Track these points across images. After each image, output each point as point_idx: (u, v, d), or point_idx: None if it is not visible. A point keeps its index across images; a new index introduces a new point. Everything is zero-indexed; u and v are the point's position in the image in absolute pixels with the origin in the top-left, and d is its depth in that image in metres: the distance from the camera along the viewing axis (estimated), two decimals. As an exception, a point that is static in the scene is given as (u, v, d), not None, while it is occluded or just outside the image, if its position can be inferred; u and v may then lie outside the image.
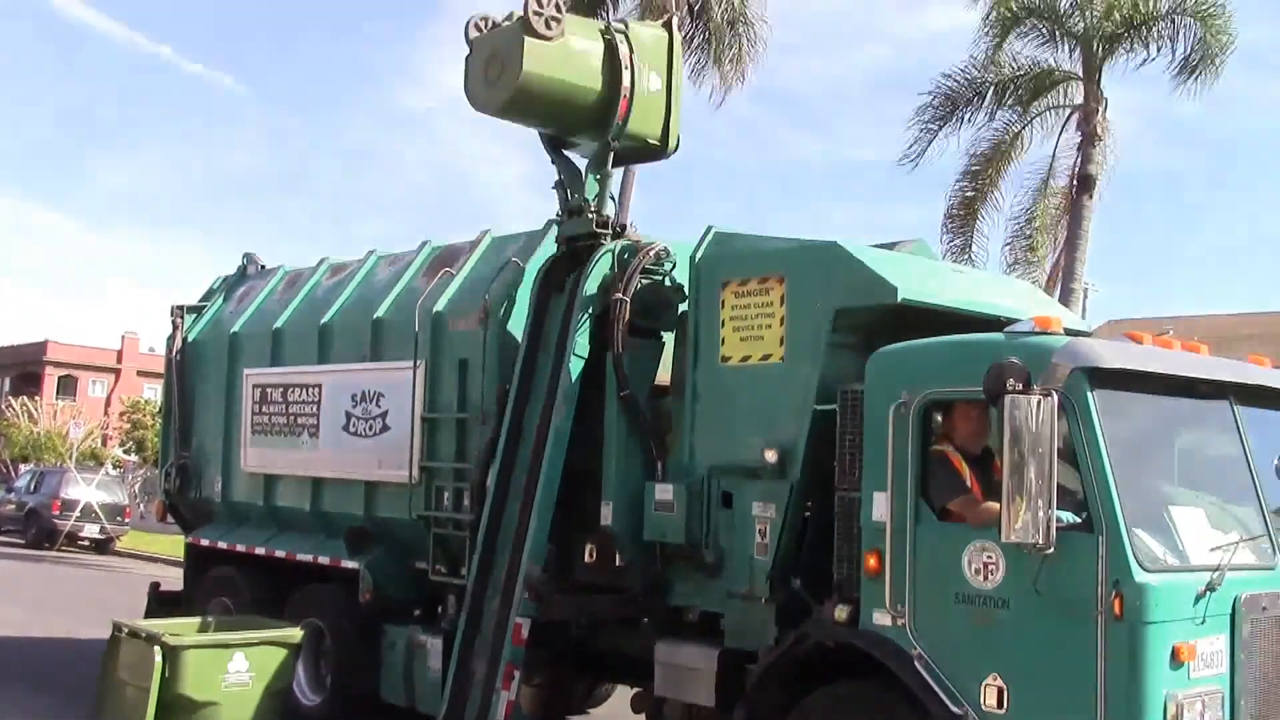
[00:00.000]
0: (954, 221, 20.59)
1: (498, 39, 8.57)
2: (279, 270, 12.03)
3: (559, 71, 8.37)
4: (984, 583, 5.92)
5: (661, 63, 8.81)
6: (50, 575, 23.21)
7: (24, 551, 28.26)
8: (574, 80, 8.46)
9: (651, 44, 8.81)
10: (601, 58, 8.54)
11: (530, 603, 8.00)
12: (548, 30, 8.16)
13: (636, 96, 8.54)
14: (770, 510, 7.12)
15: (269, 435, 10.79)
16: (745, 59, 23.15)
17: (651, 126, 8.80)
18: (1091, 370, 5.86)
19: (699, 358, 7.70)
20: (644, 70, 8.59)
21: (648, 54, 8.73)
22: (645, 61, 8.66)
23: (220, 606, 10.81)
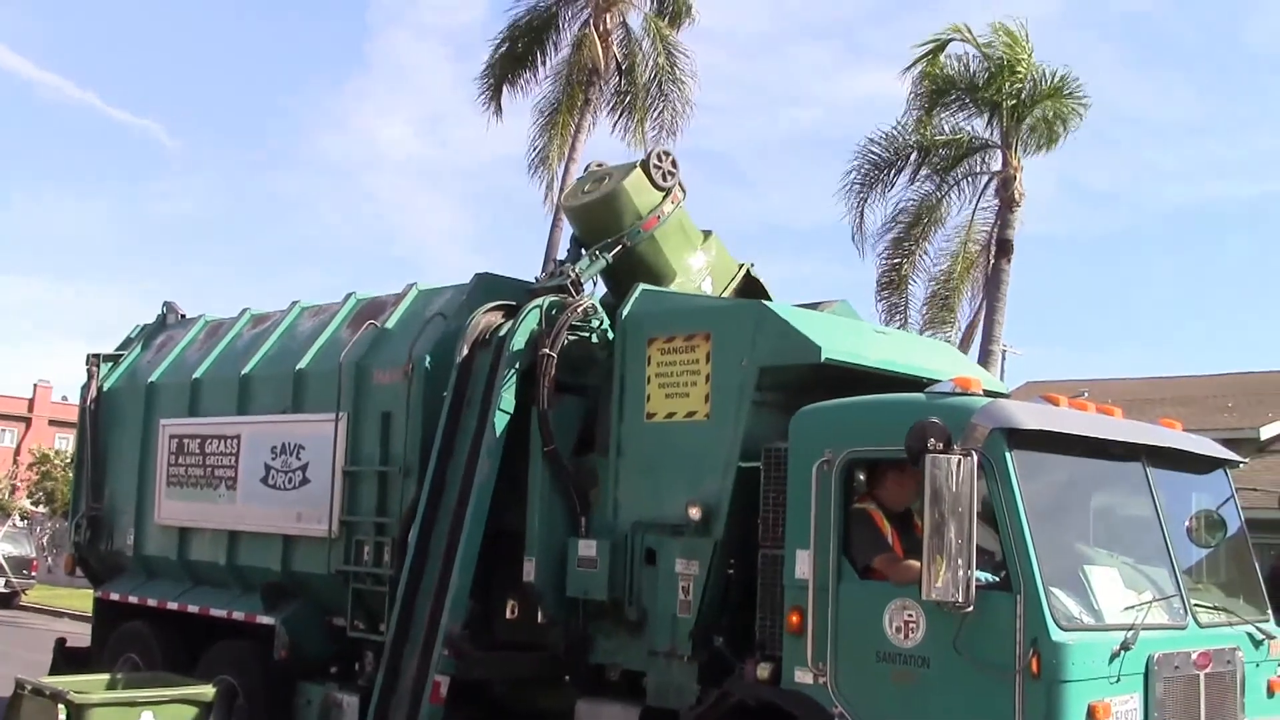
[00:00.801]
0: (885, 289, 21.01)
1: (614, 170, 9.33)
2: (200, 320, 11.85)
3: (642, 209, 8.93)
4: (905, 641, 5.96)
5: (721, 281, 9.40)
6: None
7: (-77, 606, 27.31)
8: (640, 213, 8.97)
9: (722, 264, 9.47)
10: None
11: (450, 660, 7.89)
12: (659, 180, 8.93)
13: (685, 280, 9.07)
14: (694, 567, 7.12)
15: (185, 487, 10.57)
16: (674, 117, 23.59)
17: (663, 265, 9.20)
18: (1010, 431, 5.97)
19: (625, 413, 7.72)
20: (704, 272, 9.27)
21: (715, 264, 9.40)
22: (710, 269, 9.35)
23: (129, 663, 10.52)
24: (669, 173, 9.01)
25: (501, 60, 24.11)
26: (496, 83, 24.28)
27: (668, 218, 8.99)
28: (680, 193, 9.13)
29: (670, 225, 9.05)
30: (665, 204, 8.98)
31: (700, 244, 9.38)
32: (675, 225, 9.12)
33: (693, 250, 9.29)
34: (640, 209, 8.90)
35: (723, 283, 9.38)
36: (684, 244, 9.23)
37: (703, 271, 9.24)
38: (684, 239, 9.25)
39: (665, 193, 8.98)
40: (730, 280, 9.43)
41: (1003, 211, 20.06)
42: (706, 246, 9.40)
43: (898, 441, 5.86)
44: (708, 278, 9.27)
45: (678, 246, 9.15)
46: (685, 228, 9.29)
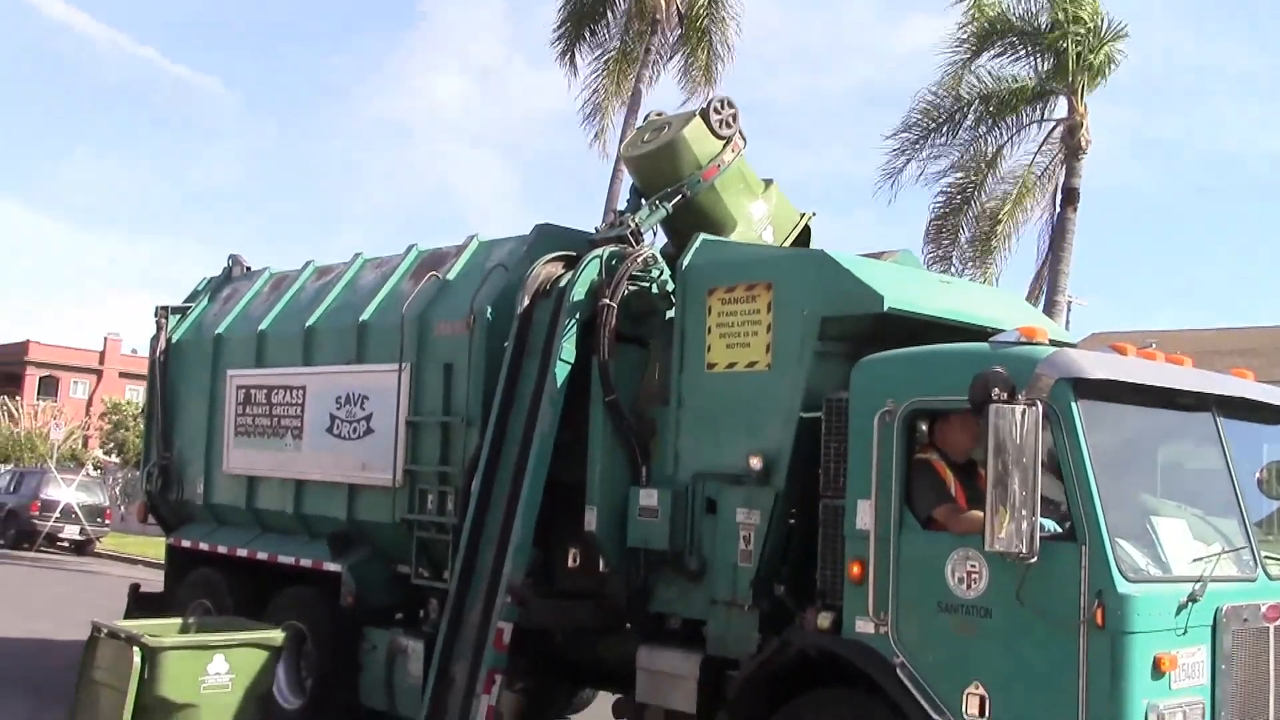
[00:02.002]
0: (935, 233, 20.62)
1: (674, 119, 9.29)
2: (264, 272, 11.99)
3: (701, 159, 8.86)
4: (967, 592, 5.93)
5: (783, 231, 9.35)
6: (29, 577, 23.06)
7: (3, 552, 28.09)
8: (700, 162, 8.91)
9: (782, 214, 9.40)
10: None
11: (512, 607, 7.98)
12: (718, 128, 8.86)
13: (746, 230, 8.99)
14: (754, 517, 7.12)
15: (252, 437, 10.75)
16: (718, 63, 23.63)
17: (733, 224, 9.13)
18: (1076, 381, 5.88)
19: (685, 364, 7.71)
20: (764, 222, 9.20)
21: (775, 214, 9.33)
22: (772, 217, 9.28)
23: (201, 608, 10.76)
24: (728, 121, 8.93)
25: (572, 14, 24.02)
26: (570, 37, 24.21)
27: (728, 166, 8.90)
28: (741, 141, 9.03)
29: (730, 174, 8.96)
30: (725, 153, 8.89)
31: (761, 193, 9.29)
32: (735, 174, 9.03)
33: (753, 199, 9.20)
34: (700, 158, 8.82)
35: (784, 232, 9.30)
36: (744, 193, 9.14)
37: (764, 221, 9.16)
38: (744, 188, 9.16)
39: (725, 141, 8.89)
40: (792, 229, 9.35)
41: (1068, 160, 19.68)
42: (767, 195, 9.32)
43: (961, 391, 5.81)
44: (768, 227, 9.19)
45: (738, 195, 9.07)
46: (746, 176, 9.19)
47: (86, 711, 7.46)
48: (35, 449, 46.20)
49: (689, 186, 8.82)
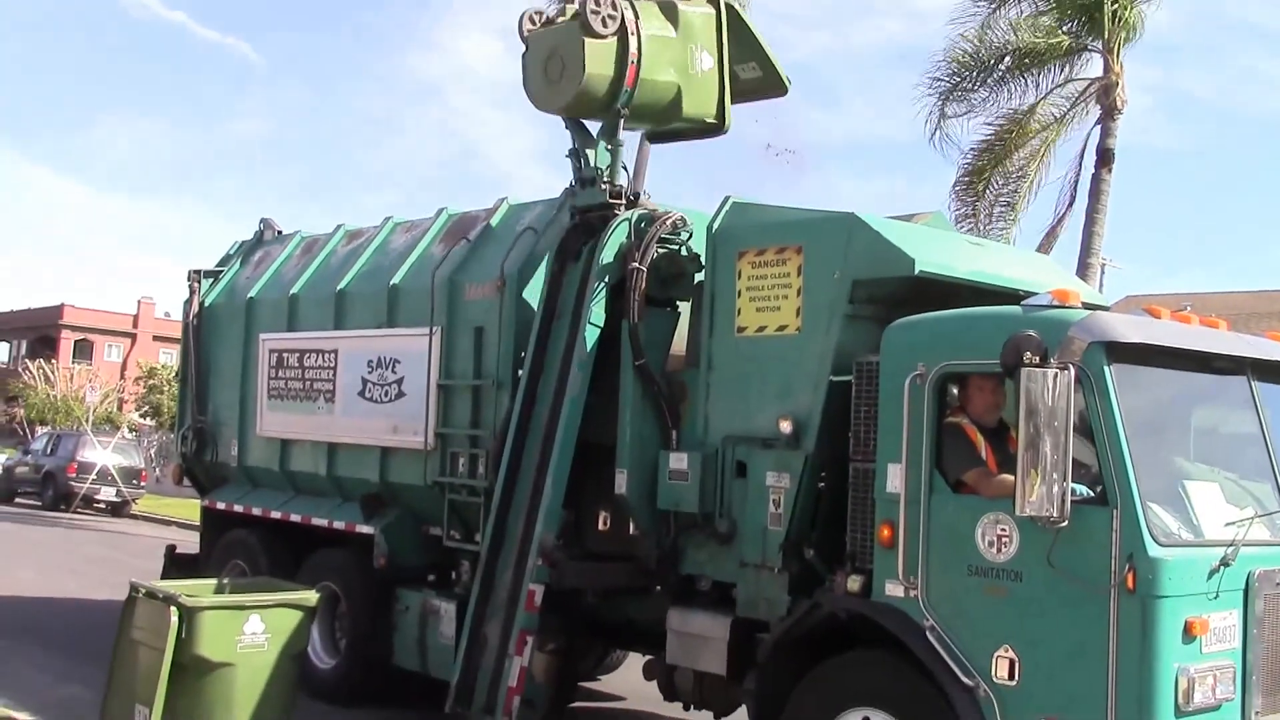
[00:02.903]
0: (962, 189, 20.38)
1: (556, 38, 8.59)
2: (295, 236, 12.04)
3: (614, 68, 8.40)
4: (997, 555, 5.93)
5: (711, 42, 8.84)
6: (66, 537, 23.39)
7: (41, 513, 28.48)
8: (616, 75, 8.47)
9: (700, 23, 8.80)
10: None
11: (544, 569, 8.04)
12: (604, 28, 8.21)
13: (690, 77, 8.64)
14: (784, 480, 7.13)
15: (285, 400, 10.83)
16: None
17: (707, 107, 8.83)
18: (1109, 344, 5.84)
19: (715, 328, 7.70)
20: (696, 51, 8.65)
21: (697, 34, 8.75)
22: (696, 41, 8.71)
23: (236, 569, 10.90)
24: (609, 16, 8.25)
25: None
26: None
27: (640, 55, 8.37)
28: (632, 13, 8.39)
29: (647, 56, 8.42)
30: (630, 43, 8.31)
31: (678, 31, 8.67)
32: (650, 50, 8.45)
33: (677, 48, 8.62)
34: (613, 71, 8.37)
35: (713, 39, 8.79)
36: (666, 52, 8.56)
37: (696, 54, 8.66)
38: (663, 48, 8.55)
39: (621, 34, 8.28)
40: (719, 33, 8.84)
41: (1103, 119, 19.42)
42: (684, 27, 8.70)
43: (992, 355, 5.78)
44: (701, 52, 8.70)
45: (663, 62, 8.55)
46: (658, 39, 8.54)
47: (125, 669, 7.57)
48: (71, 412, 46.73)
49: (622, 103, 8.50)
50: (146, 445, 36.77)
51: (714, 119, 9.00)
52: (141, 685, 7.32)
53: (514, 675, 7.98)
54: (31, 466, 31.77)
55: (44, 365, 54.46)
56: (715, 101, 8.92)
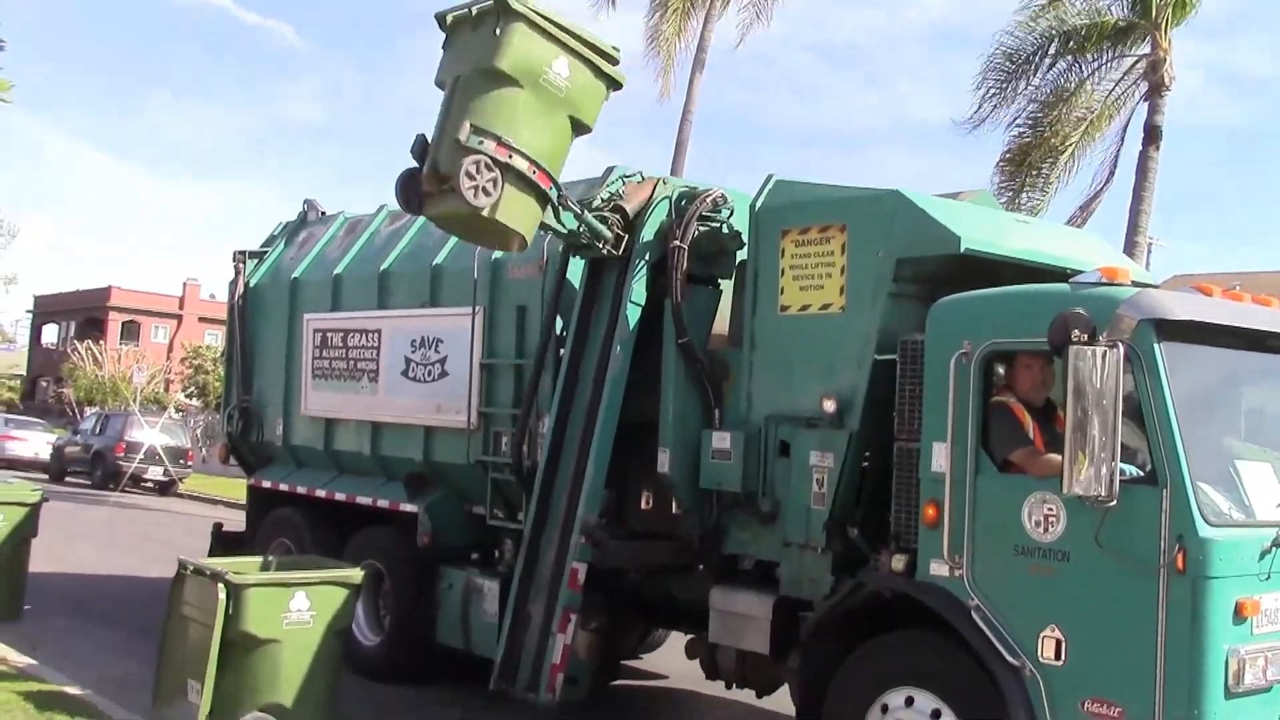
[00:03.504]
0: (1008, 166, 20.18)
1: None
2: (339, 216, 12.10)
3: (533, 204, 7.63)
4: (1044, 535, 5.87)
5: (554, 49, 7.53)
6: (116, 515, 23.71)
7: (90, 492, 28.88)
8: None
9: (539, 50, 7.44)
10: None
11: (586, 548, 8.06)
12: (484, 199, 7.20)
13: (565, 100, 7.54)
14: (828, 460, 7.10)
15: (329, 380, 10.91)
16: None
17: (590, 112, 7.75)
18: (1159, 322, 5.77)
19: (758, 306, 7.66)
20: (552, 72, 7.45)
21: (538, 57, 7.44)
22: (548, 64, 7.46)
23: (281, 547, 11.01)
24: (487, 186, 7.15)
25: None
26: None
27: (538, 163, 7.45)
28: (520, 159, 7.29)
29: (543, 155, 7.48)
30: (524, 171, 7.32)
31: (526, 86, 7.37)
32: (537, 148, 7.43)
33: (545, 102, 7.46)
34: (533, 205, 7.56)
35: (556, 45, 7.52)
36: (546, 127, 7.51)
37: (552, 72, 7.42)
38: (541, 129, 7.47)
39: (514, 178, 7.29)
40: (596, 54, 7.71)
41: (1150, 96, 19.14)
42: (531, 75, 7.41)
43: (1040, 333, 5.72)
44: (557, 62, 7.45)
45: (548, 134, 7.54)
46: (535, 127, 7.42)
47: (176, 645, 7.67)
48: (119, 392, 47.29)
49: (555, 195, 7.68)
50: (193, 425, 37.17)
51: (590, 124, 7.86)
52: (192, 660, 7.42)
53: (558, 653, 8.02)
54: (81, 446, 32.23)
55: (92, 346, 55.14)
56: (593, 103, 7.79)
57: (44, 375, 67.25)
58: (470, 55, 7.41)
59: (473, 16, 7.43)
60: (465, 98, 7.32)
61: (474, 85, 7.31)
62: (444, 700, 9.40)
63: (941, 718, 6.16)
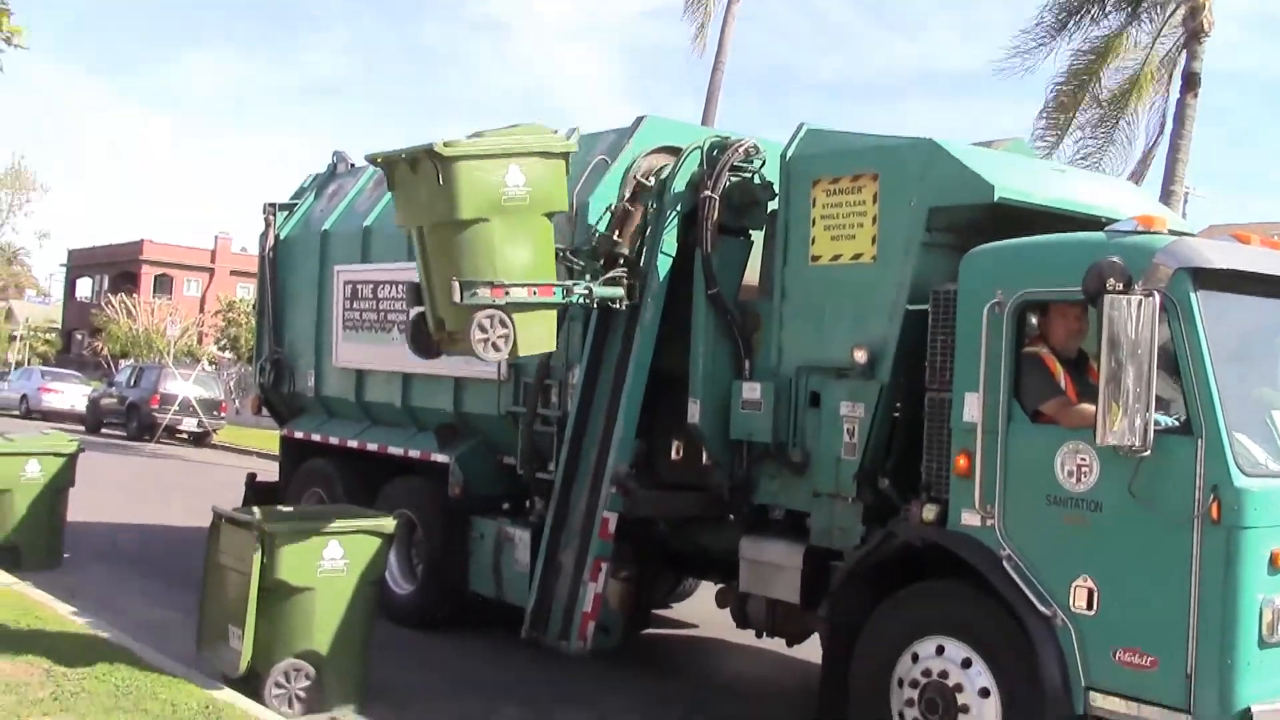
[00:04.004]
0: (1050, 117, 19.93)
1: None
2: (368, 168, 12.06)
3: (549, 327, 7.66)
4: (1076, 485, 5.85)
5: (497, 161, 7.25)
6: (151, 466, 23.99)
7: (126, 443, 29.23)
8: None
9: (489, 178, 7.16)
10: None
11: (617, 497, 8.09)
12: (494, 354, 7.25)
13: (529, 198, 7.32)
14: (858, 410, 7.08)
15: (360, 331, 10.94)
16: None
17: (560, 198, 7.62)
18: (1196, 270, 5.70)
19: (788, 257, 7.62)
20: (509, 180, 7.22)
21: (488, 186, 7.17)
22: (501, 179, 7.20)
23: (314, 497, 11.11)
24: (499, 340, 7.10)
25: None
26: None
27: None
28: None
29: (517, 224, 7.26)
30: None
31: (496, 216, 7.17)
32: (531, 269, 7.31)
33: (524, 218, 7.32)
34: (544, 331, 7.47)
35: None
36: (525, 238, 7.32)
37: (510, 181, 7.22)
38: (524, 242, 7.28)
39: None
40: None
41: (1189, 42, 18.82)
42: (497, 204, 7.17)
43: (1074, 282, 5.66)
44: (509, 169, 7.23)
45: (535, 246, 7.41)
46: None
47: (215, 592, 7.77)
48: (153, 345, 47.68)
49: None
50: (225, 378, 37.48)
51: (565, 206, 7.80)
52: (232, 607, 7.52)
53: (589, 601, 8.07)
54: (116, 398, 32.61)
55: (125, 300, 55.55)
56: (559, 195, 7.64)
57: (79, 329, 67.87)
58: (424, 206, 7.15)
59: (405, 159, 7.18)
60: (440, 253, 7.15)
61: (442, 238, 7.12)
62: (477, 648, 9.50)
63: (972, 666, 6.17)
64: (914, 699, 6.36)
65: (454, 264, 7.01)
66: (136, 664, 7.64)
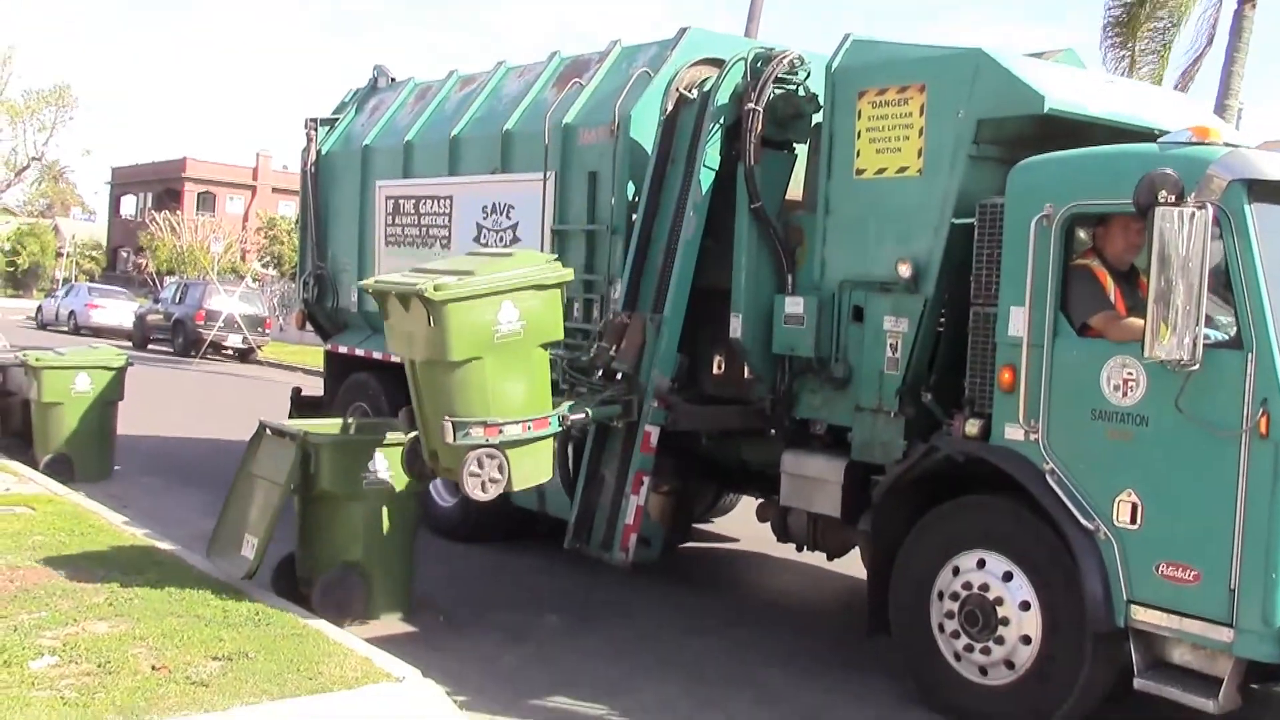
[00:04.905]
0: (1112, 30, 19.41)
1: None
2: (409, 83, 12.01)
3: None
4: (1123, 399, 5.80)
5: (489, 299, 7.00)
6: (198, 381, 24.32)
7: (173, 359, 29.63)
8: None
9: (481, 317, 6.94)
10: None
11: (660, 411, 8.11)
12: (484, 494, 7.05)
13: (523, 333, 7.08)
14: (902, 325, 7.03)
15: (402, 246, 10.96)
16: None
17: (555, 328, 7.34)
18: (1251, 183, 5.59)
19: (833, 170, 7.52)
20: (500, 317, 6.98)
21: (480, 325, 6.96)
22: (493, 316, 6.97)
23: (359, 411, 11.18)
24: (491, 480, 6.97)
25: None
26: None
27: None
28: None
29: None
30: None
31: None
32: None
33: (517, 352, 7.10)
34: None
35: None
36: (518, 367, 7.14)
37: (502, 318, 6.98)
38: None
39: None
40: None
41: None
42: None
43: (1125, 195, 5.57)
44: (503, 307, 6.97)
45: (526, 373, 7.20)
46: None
47: (240, 501, 7.88)
48: (197, 262, 48.09)
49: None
50: (269, 294, 37.77)
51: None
52: (255, 516, 7.64)
53: (631, 514, 8.13)
54: (162, 314, 33.03)
55: (170, 217, 55.94)
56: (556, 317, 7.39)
57: (124, 246, 68.52)
58: (415, 343, 6.99)
59: (396, 295, 7.02)
60: (432, 389, 7.00)
61: (435, 376, 6.95)
62: (518, 561, 9.63)
63: (1013, 580, 6.19)
64: (954, 611, 6.40)
65: (446, 403, 6.85)
66: (188, 572, 7.80)
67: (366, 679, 5.97)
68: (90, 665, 5.89)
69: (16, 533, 8.56)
